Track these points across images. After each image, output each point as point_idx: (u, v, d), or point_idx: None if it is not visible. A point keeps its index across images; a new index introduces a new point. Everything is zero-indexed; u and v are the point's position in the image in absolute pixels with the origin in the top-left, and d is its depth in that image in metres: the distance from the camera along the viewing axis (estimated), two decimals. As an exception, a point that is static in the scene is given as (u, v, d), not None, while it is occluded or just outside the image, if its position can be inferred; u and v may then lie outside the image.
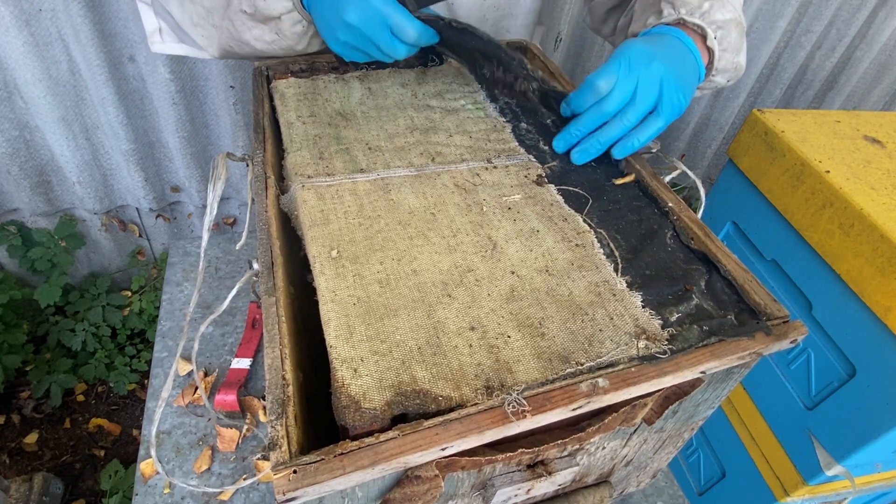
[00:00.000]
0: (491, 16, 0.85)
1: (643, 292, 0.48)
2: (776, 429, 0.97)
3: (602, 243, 0.53)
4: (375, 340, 0.42)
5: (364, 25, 0.59)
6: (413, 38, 0.60)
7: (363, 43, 0.61)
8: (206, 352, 0.91)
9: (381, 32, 0.59)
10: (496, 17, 0.86)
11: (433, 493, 0.41)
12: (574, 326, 0.45)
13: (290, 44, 0.68)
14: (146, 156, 1.52)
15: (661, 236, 0.54)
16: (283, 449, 0.35)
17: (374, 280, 0.46)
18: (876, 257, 0.79)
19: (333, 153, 0.60)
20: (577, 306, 0.46)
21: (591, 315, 0.46)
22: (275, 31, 0.66)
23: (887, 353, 0.79)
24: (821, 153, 0.92)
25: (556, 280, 0.48)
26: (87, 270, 1.73)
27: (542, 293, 0.47)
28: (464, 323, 0.44)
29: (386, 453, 0.35)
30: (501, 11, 0.85)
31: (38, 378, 1.58)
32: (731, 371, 0.49)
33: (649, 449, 0.59)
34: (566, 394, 0.39)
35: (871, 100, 2.19)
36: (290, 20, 0.65)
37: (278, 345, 0.40)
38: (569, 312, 0.46)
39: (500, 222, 0.53)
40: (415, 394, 0.39)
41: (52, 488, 1.39)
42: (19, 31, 1.20)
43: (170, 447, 0.79)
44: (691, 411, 0.54)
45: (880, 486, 1.00)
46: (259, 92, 0.67)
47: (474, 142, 0.64)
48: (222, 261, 1.09)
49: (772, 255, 0.98)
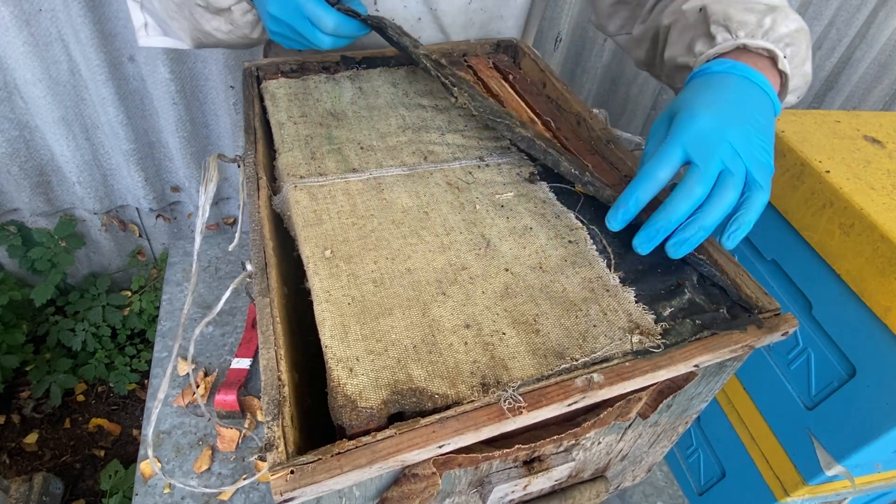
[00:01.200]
0: (478, 19, 0.83)
1: (636, 287, 0.48)
2: (776, 429, 0.97)
3: (595, 239, 0.53)
4: (371, 339, 0.42)
5: (284, 16, 0.62)
6: (331, 27, 0.62)
7: (289, 32, 0.64)
8: (206, 352, 0.92)
9: (301, 22, 0.62)
10: (483, 20, 0.84)
11: (430, 491, 0.41)
12: (568, 322, 0.45)
13: (245, 32, 0.70)
14: (146, 156, 1.52)
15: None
16: (279, 449, 0.35)
17: (368, 279, 0.46)
18: (876, 257, 0.78)
19: (325, 153, 0.60)
20: (571, 302, 0.46)
21: (584, 311, 0.46)
22: (228, 21, 0.69)
23: (887, 353, 0.79)
24: (821, 153, 0.91)
25: (550, 277, 0.48)
26: (87, 270, 1.73)
27: (536, 290, 0.47)
28: (459, 321, 0.44)
29: (383, 452, 0.35)
30: (489, 14, 0.83)
31: (37, 378, 1.59)
32: (724, 364, 0.49)
33: (644, 443, 0.60)
34: (561, 389, 0.39)
35: (871, 100, 2.19)
36: (240, 10, 0.67)
37: (273, 345, 0.40)
38: (563, 309, 0.46)
39: (494, 220, 0.53)
40: (411, 392, 0.39)
41: (52, 488, 1.39)
42: (19, 31, 1.21)
43: (170, 447, 0.79)
44: (685, 405, 0.55)
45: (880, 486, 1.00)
46: (249, 92, 0.67)
47: (466, 140, 0.64)
48: (222, 261, 1.09)
49: (772, 255, 0.98)
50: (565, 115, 0.71)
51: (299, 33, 0.63)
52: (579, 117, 0.68)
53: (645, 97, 1.89)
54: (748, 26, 0.55)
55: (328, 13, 0.61)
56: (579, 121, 0.68)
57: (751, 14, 0.55)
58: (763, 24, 0.54)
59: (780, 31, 0.54)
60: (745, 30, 0.55)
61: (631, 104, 1.92)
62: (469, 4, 0.80)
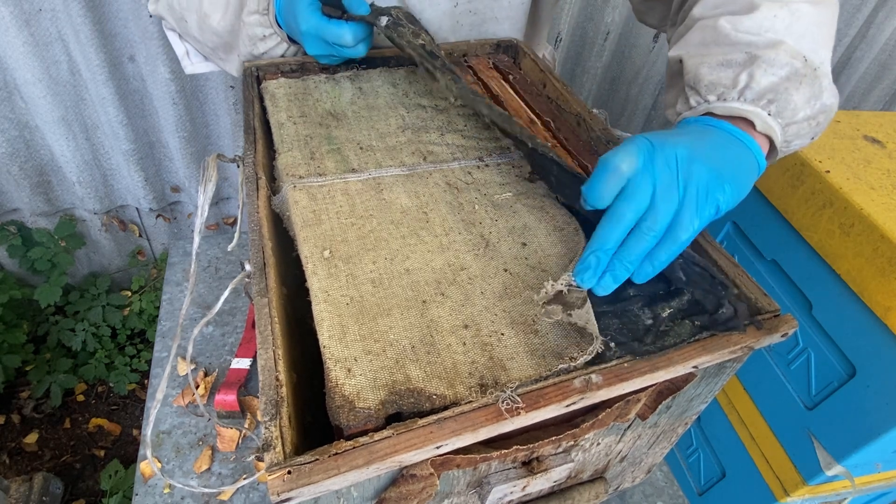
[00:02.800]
0: (466, 21, 0.81)
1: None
2: (776, 429, 0.97)
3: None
4: (369, 340, 0.42)
5: (319, 50, 0.69)
6: (350, 40, 0.66)
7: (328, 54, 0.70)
8: (206, 352, 0.92)
9: (332, 48, 0.68)
10: (474, 22, 0.82)
11: (428, 492, 0.41)
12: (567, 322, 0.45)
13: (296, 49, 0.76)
14: (146, 156, 1.52)
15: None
16: (277, 450, 0.35)
17: (366, 279, 0.46)
18: (876, 257, 0.78)
19: (325, 153, 0.59)
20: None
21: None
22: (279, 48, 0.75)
23: (887, 353, 0.79)
24: (821, 153, 0.91)
25: (549, 276, 0.48)
26: (87, 270, 1.73)
27: (536, 290, 0.47)
28: (457, 321, 0.44)
29: (381, 452, 0.35)
30: (480, 16, 0.81)
31: (38, 378, 1.59)
32: (723, 365, 0.49)
33: (643, 444, 0.59)
34: (560, 390, 0.39)
35: (871, 100, 2.19)
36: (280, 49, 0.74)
37: (271, 346, 0.40)
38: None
39: (493, 220, 0.53)
40: (409, 392, 0.39)
41: (52, 488, 1.39)
42: (19, 31, 1.21)
43: (170, 447, 0.79)
44: (685, 406, 0.54)
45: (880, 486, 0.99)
46: (249, 93, 0.67)
47: (466, 140, 0.64)
48: (222, 261, 1.09)
49: (772, 255, 0.98)
50: (565, 116, 0.71)
51: (338, 56, 0.70)
52: (579, 117, 0.68)
53: (645, 97, 1.89)
54: (718, 88, 0.50)
55: (342, 29, 0.65)
56: (579, 121, 0.68)
57: (725, 70, 0.50)
58: (738, 83, 0.49)
59: (761, 86, 0.48)
60: (716, 92, 0.50)
61: (631, 104, 1.92)
62: (455, 8, 0.79)
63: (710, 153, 0.45)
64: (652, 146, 0.44)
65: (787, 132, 0.51)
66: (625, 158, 0.43)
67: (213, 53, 0.79)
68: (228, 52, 0.77)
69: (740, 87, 0.49)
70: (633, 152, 0.43)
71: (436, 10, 0.78)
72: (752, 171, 0.48)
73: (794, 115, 0.49)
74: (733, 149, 0.47)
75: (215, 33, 0.74)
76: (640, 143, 0.44)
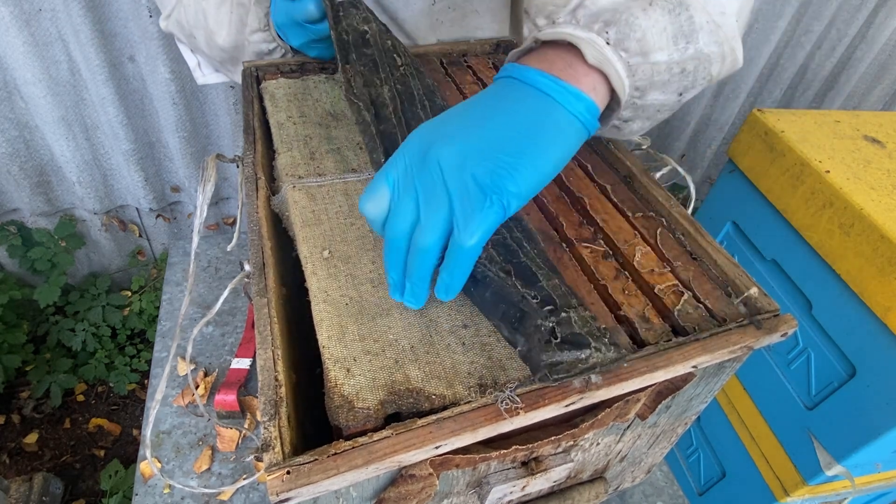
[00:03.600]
0: (446, 17, 0.78)
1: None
2: (776, 429, 0.97)
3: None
4: (368, 340, 0.42)
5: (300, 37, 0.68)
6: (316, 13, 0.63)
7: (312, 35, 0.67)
8: (206, 352, 0.92)
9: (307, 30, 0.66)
10: (454, 18, 0.78)
11: (428, 492, 0.41)
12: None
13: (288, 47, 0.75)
14: (146, 156, 1.52)
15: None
16: (276, 450, 0.35)
17: (366, 279, 0.46)
18: (876, 257, 0.78)
19: (324, 153, 0.59)
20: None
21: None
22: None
23: (887, 353, 0.79)
24: (821, 153, 0.91)
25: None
26: (87, 270, 1.73)
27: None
28: (457, 321, 0.44)
29: (380, 452, 0.35)
30: (460, 11, 0.78)
31: (38, 378, 1.59)
32: (722, 365, 0.49)
33: (643, 444, 0.59)
34: (559, 390, 0.39)
35: (871, 100, 2.19)
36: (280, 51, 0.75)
37: (270, 346, 0.40)
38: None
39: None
40: (408, 393, 0.39)
41: (52, 488, 1.40)
42: (19, 31, 1.21)
43: (170, 447, 0.79)
44: (684, 406, 0.54)
45: (880, 486, 0.99)
46: (249, 93, 0.67)
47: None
48: (222, 261, 1.09)
49: (772, 255, 0.98)
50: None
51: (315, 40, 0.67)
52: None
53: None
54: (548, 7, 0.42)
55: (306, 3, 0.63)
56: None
57: None
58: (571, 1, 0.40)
59: (598, 5, 0.40)
60: (544, 13, 0.42)
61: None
62: (433, 6, 0.77)
63: (492, 134, 0.37)
64: (407, 157, 0.39)
65: (637, 74, 0.40)
66: (368, 198, 0.39)
67: (222, 66, 0.80)
68: (236, 64, 0.78)
69: (572, 7, 0.41)
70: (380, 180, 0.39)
71: (412, 10, 0.77)
72: (562, 134, 0.38)
73: (645, 48, 0.40)
74: (531, 114, 0.38)
75: (222, 49, 0.75)
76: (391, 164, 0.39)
